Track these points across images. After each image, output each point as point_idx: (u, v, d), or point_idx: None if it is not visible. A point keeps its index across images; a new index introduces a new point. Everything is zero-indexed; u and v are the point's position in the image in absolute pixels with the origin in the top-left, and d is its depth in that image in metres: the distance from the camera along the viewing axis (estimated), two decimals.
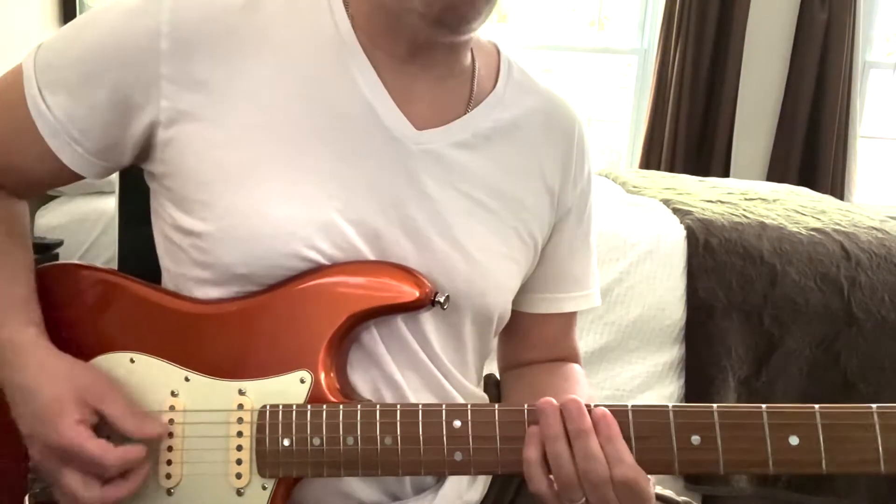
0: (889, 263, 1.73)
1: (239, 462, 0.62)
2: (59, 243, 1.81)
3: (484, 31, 0.78)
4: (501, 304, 0.73)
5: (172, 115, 0.64)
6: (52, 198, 2.00)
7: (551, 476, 0.58)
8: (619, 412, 0.57)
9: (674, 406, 0.57)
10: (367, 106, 0.66)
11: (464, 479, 0.72)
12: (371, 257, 0.65)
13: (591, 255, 0.83)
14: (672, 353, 1.70)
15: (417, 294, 0.63)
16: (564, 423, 0.57)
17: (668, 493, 0.78)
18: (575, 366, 0.83)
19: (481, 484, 0.75)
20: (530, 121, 0.75)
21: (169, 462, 0.63)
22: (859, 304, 1.67)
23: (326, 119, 0.65)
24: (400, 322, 0.66)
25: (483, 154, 0.71)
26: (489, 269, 0.69)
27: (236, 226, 0.63)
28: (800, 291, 1.67)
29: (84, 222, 1.92)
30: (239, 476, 0.62)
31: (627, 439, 0.57)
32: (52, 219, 1.94)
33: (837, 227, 1.84)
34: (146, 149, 0.67)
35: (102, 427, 0.61)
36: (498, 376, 0.90)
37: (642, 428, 0.57)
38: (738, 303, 1.67)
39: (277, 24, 0.66)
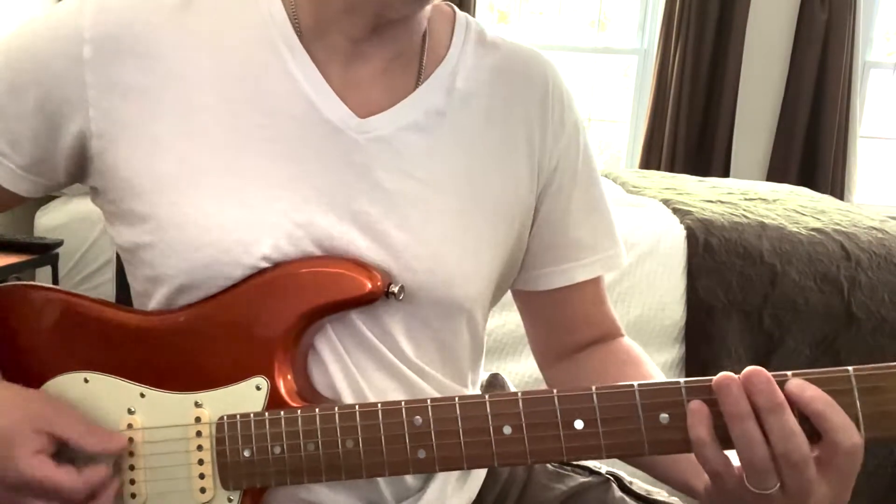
0: (889, 263, 1.73)
1: (202, 476, 0.61)
2: (59, 243, 1.81)
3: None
4: (475, 292, 0.67)
5: (103, 125, 0.62)
6: (53, 198, 2.00)
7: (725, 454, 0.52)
8: (583, 396, 0.54)
9: (639, 385, 0.54)
10: (307, 100, 0.63)
11: (448, 485, 0.68)
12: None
13: (599, 213, 0.75)
14: (672, 353, 1.70)
15: (369, 286, 0.60)
16: (750, 398, 0.50)
17: (662, 493, 0.77)
18: (625, 341, 0.77)
19: (468, 491, 0.72)
20: (492, 85, 0.69)
21: (133, 481, 0.62)
22: (859, 304, 1.67)
23: (265, 118, 0.62)
24: (356, 320, 0.63)
25: (439, 133, 0.66)
26: (454, 258, 0.65)
27: (176, 237, 0.61)
28: (800, 291, 1.67)
29: (84, 222, 1.92)
30: (203, 490, 0.61)
31: (594, 422, 0.54)
32: (52, 219, 1.93)
33: (837, 227, 1.84)
34: (82, 163, 0.64)
35: (63, 451, 0.59)
36: (504, 376, 0.86)
37: (608, 410, 0.54)
38: (738, 303, 1.67)
39: (207, 22, 0.63)
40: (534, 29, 3.67)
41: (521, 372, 1.63)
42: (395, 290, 0.61)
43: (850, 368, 0.50)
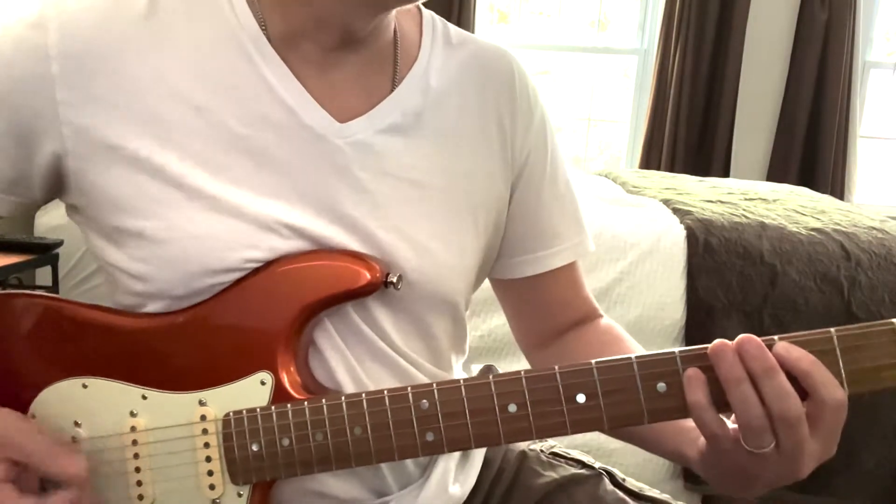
0: (889, 263, 1.73)
1: (210, 473, 0.61)
2: (59, 243, 1.80)
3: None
4: (460, 286, 0.69)
5: (78, 143, 0.60)
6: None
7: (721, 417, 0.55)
8: (583, 371, 0.57)
9: (636, 357, 0.56)
10: (286, 108, 0.63)
11: (449, 472, 0.70)
12: None
13: (567, 202, 0.78)
14: None
15: (368, 276, 0.61)
16: (743, 363, 0.53)
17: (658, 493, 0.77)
18: (604, 321, 0.79)
19: (468, 477, 0.73)
20: (462, 81, 0.71)
21: (139, 483, 0.62)
22: (859, 304, 1.67)
23: (246, 128, 0.62)
24: (352, 312, 0.64)
25: (416, 133, 0.67)
26: (440, 255, 0.66)
27: (168, 251, 0.61)
28: (800, 291, 1.67)
29: None
30: (213, 487, 0.61)
31: (595, 395, 0.56)
32: (52, 219, 1.93)
33: (837, 227, 1.84)
34: (58, 181, 0.64)
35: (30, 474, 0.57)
36: (499, 368, 0.88)
37: (608, 383, 0.57)
38: (738, 303, 1.67)
39: (175, 30, 0.62)
40: (534, 29, 3.67)
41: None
42: (395, 279, 0.63)
43: (832, 329, 0.54)
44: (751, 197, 2.18)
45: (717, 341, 0.55)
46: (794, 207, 2.05)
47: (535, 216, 0.76)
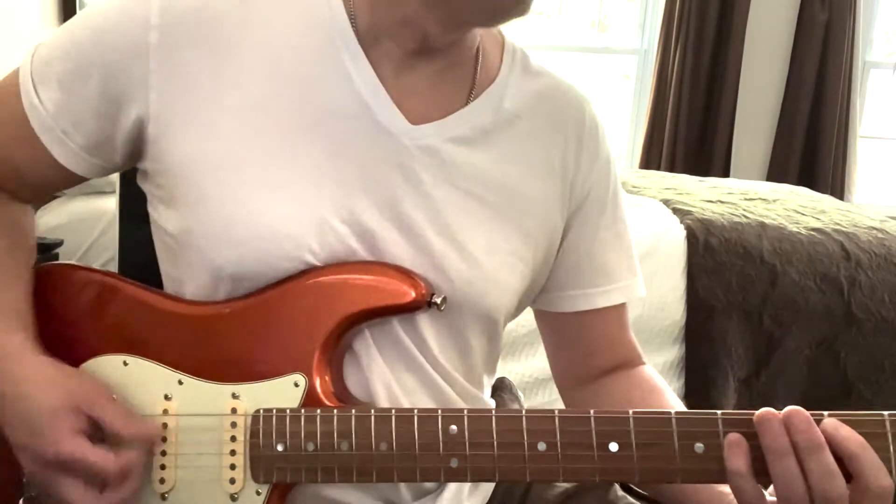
0: (889, 263, 1.73)
1: (233, 467, 0.61)
2: (59, 243, 1.80)
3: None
4: (504, 304, 0.69)
5: (161, 110, 0.63)
6: (52, 198, 2.00)
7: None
8: (619, 419, 0.55)
9: (676, 413, 0.55)
10: (362, 102, 0.65)
11: (464, 485, 0.70)
12: (365, 257, 0.64)
13: (623, 244, 0.78)
14: (672, 353, 1.70)
15: (413, 295, 0.62)
16: (789, 435, 0.52)
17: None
18: (646, 369, 0.79)
19: (483, 492, 0.73)
20: (534, 109, 0.72)
21: (163, 467, 0.63)
22: (859, 304, 1.67)
23: (319, 115, 0.64)
24: (395, 324, 0.64)
25: (483, 148, 0.68)
26: (489, 269, 0.67)
27: (225, 226, 0.62)
28: (800, 291, 1.67)
29: (84, 222, 1.92)
30: (233, 481, 0.61)
31: (628, 446, 0.55)
32: (52, 219, 1.93)
33: (837, 227, 1.84)
34: (138, 146, 0.66)
35: (96, 432, 0.60)
36: (509, 379, 0.87)
37: (644, 435, 0.55)
38: (738, 303, 1.67)
39: (271, 15, 0.65)
40: (534, 29, 3.67)
41: (522, 372, 1.63)
42: (438, 300, 0.63)
43: (885, 413, 0.52)
44: (751, 197, 2.19)
45: (763, 410, 0.53)
46: (794, 207, 2.05)
47: (589, 252, 0.75)
